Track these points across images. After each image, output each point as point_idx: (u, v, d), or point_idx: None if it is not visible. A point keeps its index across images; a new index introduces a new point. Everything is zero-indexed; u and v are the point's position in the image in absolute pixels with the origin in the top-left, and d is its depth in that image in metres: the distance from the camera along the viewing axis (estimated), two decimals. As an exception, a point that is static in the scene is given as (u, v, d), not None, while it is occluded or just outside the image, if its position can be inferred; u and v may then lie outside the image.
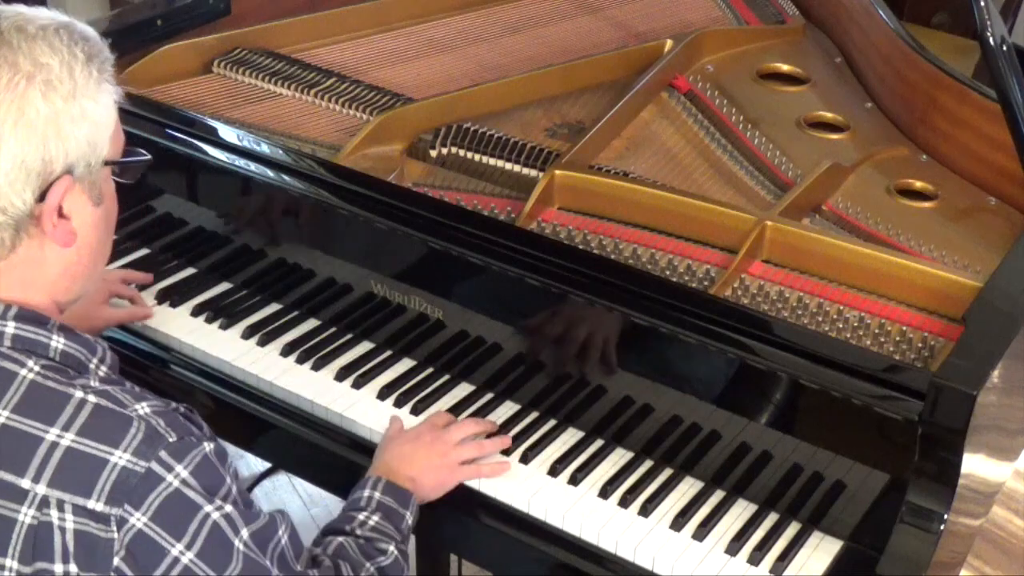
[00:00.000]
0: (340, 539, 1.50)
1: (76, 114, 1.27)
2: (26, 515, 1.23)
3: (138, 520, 1.23)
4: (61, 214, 1.29)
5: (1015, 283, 1.66)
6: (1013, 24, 2.78)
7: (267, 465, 3.07)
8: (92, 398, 1.26)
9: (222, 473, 1.29)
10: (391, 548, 1.52)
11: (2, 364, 1.26)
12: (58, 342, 1.30)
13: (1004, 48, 1.73)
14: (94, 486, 1.22)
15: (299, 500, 3.08)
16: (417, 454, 1.65)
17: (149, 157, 1.41)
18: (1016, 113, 1.74)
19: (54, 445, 1.23)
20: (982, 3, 1.71)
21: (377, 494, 1.58)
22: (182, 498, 1.25)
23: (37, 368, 1.26)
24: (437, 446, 1.66)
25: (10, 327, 1.28)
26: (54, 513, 1.23)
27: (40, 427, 1.24)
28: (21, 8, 1.29)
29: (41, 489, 1.23)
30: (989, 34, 1.71)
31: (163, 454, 1.24)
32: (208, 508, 1.26)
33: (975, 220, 1.95)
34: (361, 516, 1.55)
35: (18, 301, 1.29)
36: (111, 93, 1.32)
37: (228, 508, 1.28)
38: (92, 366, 1.32)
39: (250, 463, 3.13)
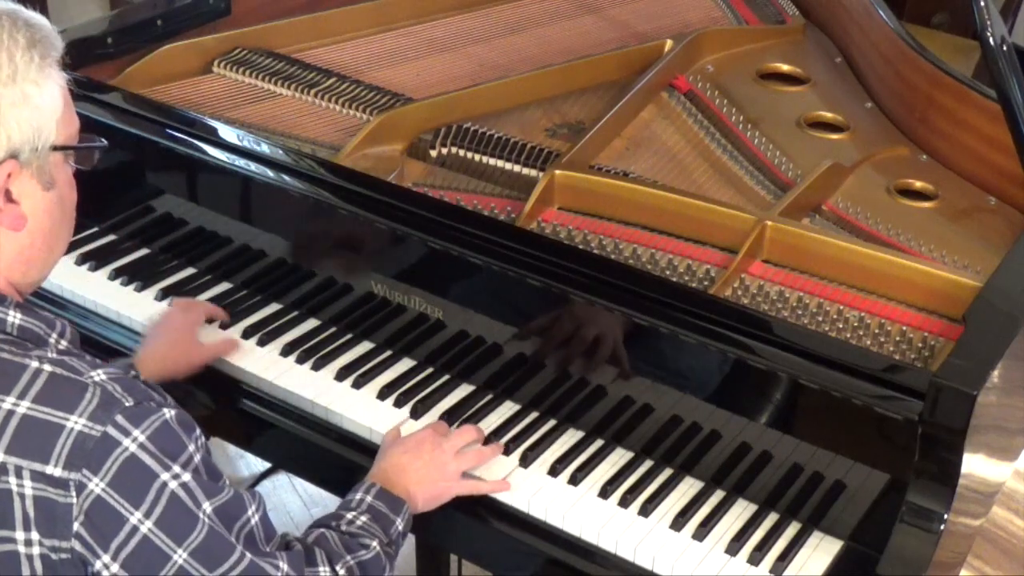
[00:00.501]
0: (322, 530, 1.50)
1: (16, 98, 1.28)
2: None
3: (96, 485, 1.24)
4: (10, 199, 1.30)
5: (1015, 283, 1.66)
6: (1013, 24, 2.79)
7: (267, 465, 3.07)
8: (47, 367, 1.27)
9: (183, 439, 1.29)
10: (374, 544, 1.51)
11: None
12: (15, 318, 1.31)
13: (1004, 48, 1.73)
14: (51, 451, 1.23)
15: (299, 500, 3.08)
16: (414, 466, 1.64)
17: (103, 143, 1.41)
18: (1016, 113, 1.74)
19: (10, 413, 1.25)
20: (982, 3, 1.71)
21: (369, 498, 1.57)
22: (139, 464, 1.25)
23: None
24: (437, 456, 1.65)
25: None
26: (12, 480, 1.24)
27: None
28: None
29: None
30: (989, 34, 1.71)
31: (119, 418, 1.25)
32: (165, 476, 1.27)
33: (975, 220, 1.95)
34: (349, 515, 1.55)
35: None
36: (57, 79, 1.32)
37: (187, 476, 1.28)
38: (52, 340, 1.33)
39: (250, 463, 3.13)
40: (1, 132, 1.27)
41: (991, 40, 1.71)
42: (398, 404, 1.81)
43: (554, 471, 1.70)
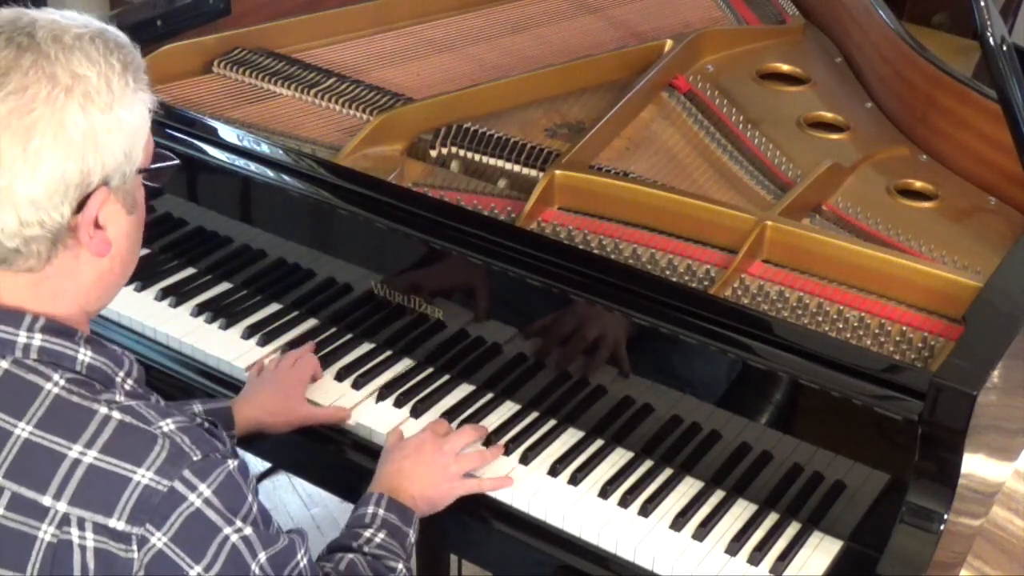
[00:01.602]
0: (350, 556, 1.49)
1: (113, 125, 1.25)
2: (46, 532, 1.21)
3: (159, 540, 1.21)
4: (97, 224, 1.27)
5: (1015, 283, 1.66)
6: (1013, 24, 2.78)
7: (267, 465, 3.07)
8: (116, 414, 1.23)
9: (244, 491, 1.27)
10: (400, 566, 1.51)
11: (28, 377, 1.24)
12: (85, 355, 1.27)
13: (1004, 48, 1.73)
14: (116, 504, 1.20)
15: (299, 500, 3.08)
16: (417, 470, 1.63)
17: (178, 161, 1.39)
18: (1016, 113, 1.74)
19: (76, 462, 1.21)
20: (982, 3, 1.71)
21: (381, 511, 1.56)
22: (203, 519, 1.23)
23: (62, 382, 1.24)
24: (438, 459, 1.65)
25: (36, 339, 1.25)
26: (74, 531, 1.21)
27: (63, 443, 1.22)
28: (55, 15, 1.27)
29: (62, 507, 1.20)
30: (989, 34, 1.71)
31: (187, 473, 1.22)
32: (228, 530, 1.25)
33: (975, 220, 1.95)
34: (367, 533, 1.54)
35: (47, 313, 1.27)
36: (145, 102, 1.30)
37: (248, 531, 1.26)
38: (119, 379, 1.29)
39: (250, 463, 3.13)
40: (96, 160, 1.24)
41: (991, 40, 1.72)
42: (398, 404, 1.81)
43: (554, 471, 1.70)
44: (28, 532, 1.21)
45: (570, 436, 1.77)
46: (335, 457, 1.79)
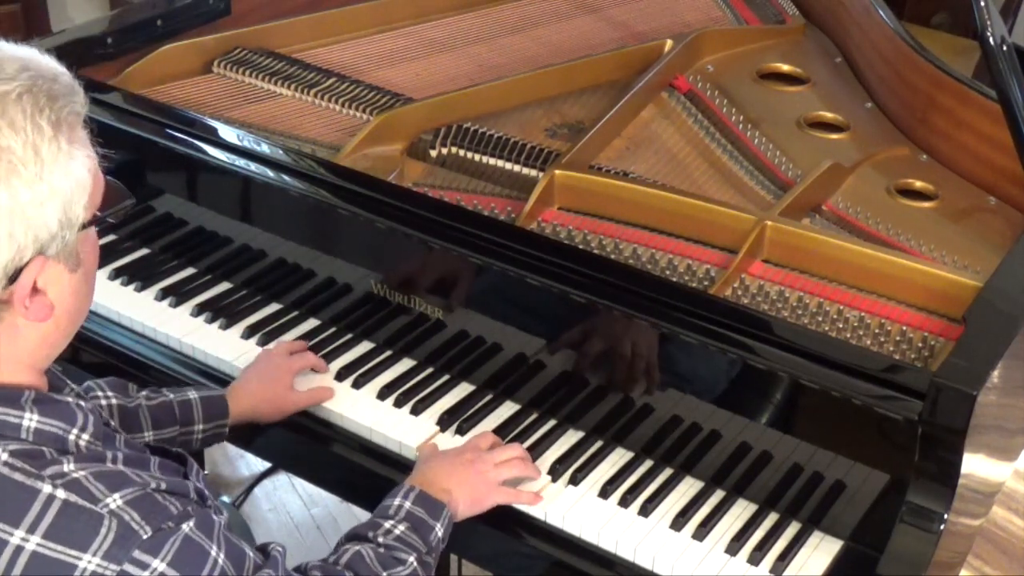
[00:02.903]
0: (358, 547, 1.46)
1: (44, 197, 1.14)
2: None
3: None
4: (36, 289, 1.18)
5: (1015, 283, 1.67)
6: (1013, 24, 2.79)
7: (267, 465, 3.07)
8: (60, 493, 1.16)
9: (206, 549, 1.21)
10: (411, 559, 1.47)
11: None
12: (31, 420, 1.19)
13: (1004, 48, 1.73)
14: None
15: (299, 500, 3.08)
16: (456, 470, 1.62)
17: (131, 201, 1.30)
18: (1016, 113, 1.74)
19: (19, 549, 1.15)
20: (982, 3, 1.71)
21: (408, 503, 1.54)
22: None
23: (5, 456, 1.16)
24: (477, 464, 1.64)
25: None
26: None
27: (5, 529, 1.15)
28: None
29: None
30: (989, 34, 1.71)
31: (136, 553, 1.16)
32: None
33: (975, 220, 1.95)
34: (387, 524, 1.51)
35: None
36: (85, 152, 1.19)
37: None
38: (72, 437, 1.21)
39: (250, 463, 3.13)
40: (27, 235, 1.14)
41: (991, 40, 1.72)
42: (398, 404, 1.81)
43: (554, 472, 1.70)
44: None
45: (570, 436, 1.77)
46: (335, 457, 1.79)
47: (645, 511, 1.65)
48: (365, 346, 1.92)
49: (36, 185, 1.14)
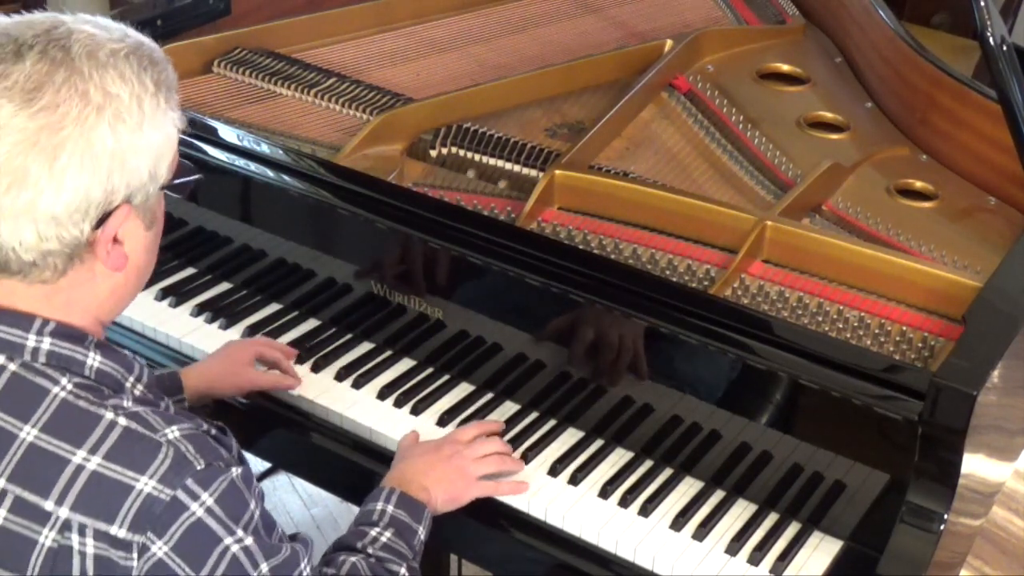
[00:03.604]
0: (352, 559, 1.48)
1: (141, 146, 1.25)
2: (47, 537, 1.21)
3: (159, 549, 1.21)
4: (115, 239, 1.27)
5: (1015, 283, 1.67)
6: (1013, 24, 2.78)
7: (267, 465, 3.07)
8: (122, 420, 1.23)
9: (247, 499, 1.27)
10: (402, 570, 1.49)
11: (35, 380, 1.24)
12: (94, 359, 1.27)
13: (1004, 48, 1.73)
14: (118, 512, 1.20)
15: (299, 500, 3.08)
16: (434, 466, 1.63)
17: (200, 175, 1.40)
18: (1016, 113, 1.74)
19: (80, 468, 1.21)
20: (982, 3, 1.71)
21: (390, 508, 1.55)
22: (204, 528, 1.23)
23: (70, 386, 1.24)
24: (455, 460, 1.64)
25: (46, 343, 1.25)
26: (75, 537, 1.21)
27: (68, 448, 1.22)
28: (90, 26, 1.26)
29: (64, 512, 1.21)
30: (989, 34, 1.71)
31: (189, 482, 1.22)
32: (228, 540, 1.24)
33: (975, 220, 1.95)
34: (373, 532, 1.52)
35: (59, 320, 1.26)
36: (174, 121, 1.30)
37: (249, 540, 1.26)
38: (128, 384, 1.29)
39: (250, 463, 3.13)
40: (121, 179, 1.24)
41: (991, 40, 1.72)
42: (398, 404, 1.81)
43: (554, 471, 1.70)
44: (29, 536, 1.21)
45: (570, 436, 1.77)
46: (335, 458, 1.79)
47: (645, 511, 1.65)
48: (365, 346, 1.92)
49: (136, 134, 1.24)
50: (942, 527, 1.49)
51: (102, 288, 1.29)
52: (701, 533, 1.62)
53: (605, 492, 1.67)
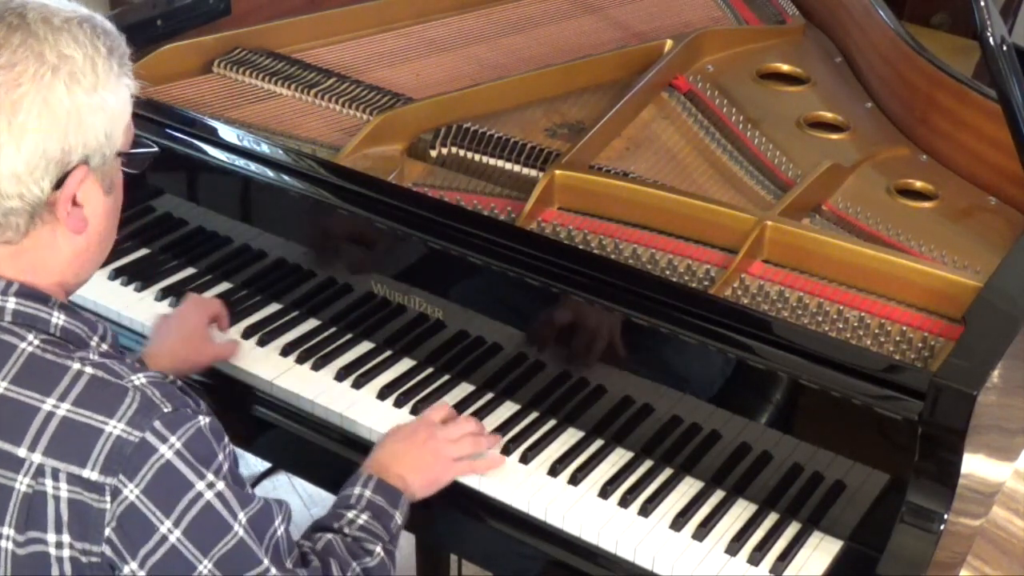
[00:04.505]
0: (328, 536, 1.50)
1: (96, 106, 1.30)
2: (21, 483, 1.25)
3: (131, 492, 1.24)
4: (75, 202, 1.31)
5: (1015, 283, 1.66)
6: (1013, 24, 2.78)
7: (267, 465, 3.07)
8: (89, 369, 1.28)
9: (215, 448, 1.30)
10: (377, 549, 1.51)
11: (3, 337, 1.29)
12: (58, 318, 1.32)
13: (1004, 48, 1.73)
14: (89, 455, 1.24)
15: (299, 500, 3.08)
16: (410, 452, 1.65)
17: (157, 149, 1.44)
18: (1016, 113, 1.74)
19: (50, 415, 1.25)
20: (982, 3, 1.71)
21: (368, 492, 1.57)
22: (174, 471, 1.26)
23: (36, 342, 1.29)
24: (430, 444, 1.66)
25: (11, 303, 1.30)
26: (48, 482, 1.24)
27: (37, 397, 1.26)
28: (45, 1, 1.32)
29: (37, 458, 1.24)
30: (989, 34, 1.71)
31: (157, 424, 1.26)
32: (200, 485, 1.28)
33: (975, 220, 1.95)
34: (350, 514, 1.54)
35: (24, 281, 1.32)
36: (128, 87, 1.35)
37: (220, 485, 1.29)
38: (93, 343, 1.34)
39: (250, 463, 3.13)
40: (78, 138, 1.29)
41: (991, 40, 1.71)
42: (398, 404, 1.81)
43: (554, 471, 1.70)
44: (5, 484, 1.25)
45: (570, 436, 1.77)
46: (335, 457, 1.79)
47: (645, 511, 1.65)
48: (365, 346, 1.92)
49: (92, 94, 1.29)
50: (942, 527, 1.49)
51: (64, 251, 1.34)
52: (701, 533, 1.62)
53: (605, 492, 1.67)
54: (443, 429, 1.69)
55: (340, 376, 1.85)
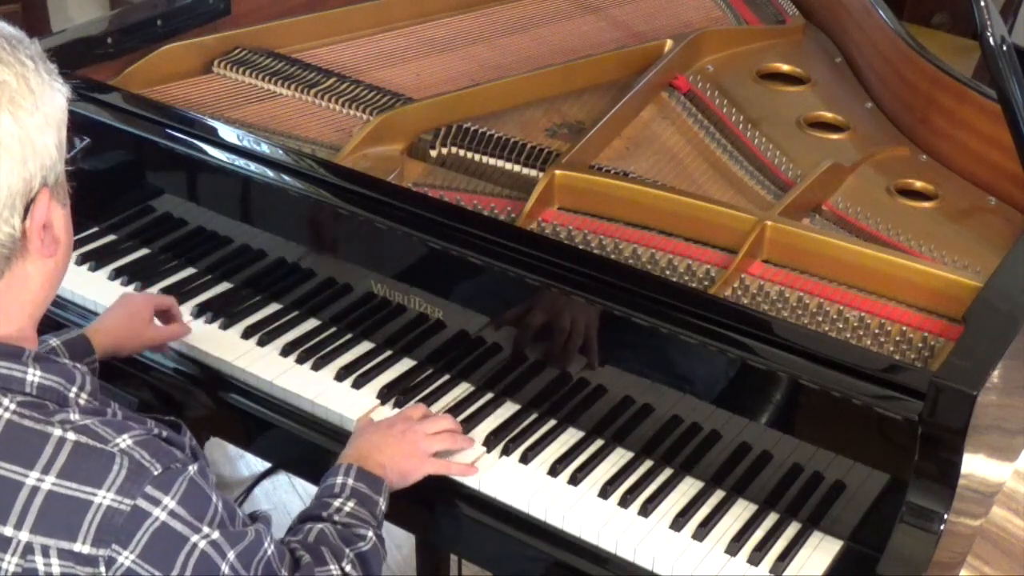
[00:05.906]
0: (319, 526, 1.49)
1: (42, 124, 1.23)
2: (10, 563, 1.20)
3: (126, 559, 1.21)
4: (45, 226, 1.26)
5: (1015, 283, 1.67)
6: (1013, 24, 2.79)
7: (267, 465, 3.07)
8: (71, 436, 1.22)
9: (208, 494, 1.27)
10: (369, 534, 1.51)
11: None
12: (34, 375, 1.26)
13: (1004, 48, 1.73)
14: (79, 528, 1.20)
15: (299, 500, 3.08)
16: (387, 443, 1.65)
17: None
18: (1016, 113, 1.74)
19: (35, 489, 1.20)
20: (982, 3, 1.71)
21: (350, 480, 1.57)
22: (170, 531, 1.23)
23: (13, 407, 1.23)
24: (408, 436, 1.66)
25: None
26: (39, 559, 1.20)
27: (19, 471, 1.21)
28: None
29: (24, 536, 1.20)
30: (989, 34, 1.71)
31: (149, 488, 1.22)
32: (195, 538, 1.25)
33: (975, 220, 1.95)
34: (336, 503, 1.54)
35: None
36: (60, 90, 1.27)
37: (215, 535, 1.26)
38: (72, 395, 1.28)
39: (250, 463, 3.13)
40: (36, 163, 1.23)
41: (991, 40, 1.71)
42: (398, 404, 1.81)
43: (554, 471, 1.70)
44: None
45: (570, 436, 1.77)
46: (335, 458, 1.79)
47: (645, 511, 1.65)
48: (365, 346, 1.92)
49: (35, 114, 1.22)
50: (942, 527, 1.49)
51: (36, 283, 1.28)
52: (701, 533, 1.62)
53: (605, 492, 1.67)
54: (421, 423, 1.69)
55: (340, 376, 1.85)
